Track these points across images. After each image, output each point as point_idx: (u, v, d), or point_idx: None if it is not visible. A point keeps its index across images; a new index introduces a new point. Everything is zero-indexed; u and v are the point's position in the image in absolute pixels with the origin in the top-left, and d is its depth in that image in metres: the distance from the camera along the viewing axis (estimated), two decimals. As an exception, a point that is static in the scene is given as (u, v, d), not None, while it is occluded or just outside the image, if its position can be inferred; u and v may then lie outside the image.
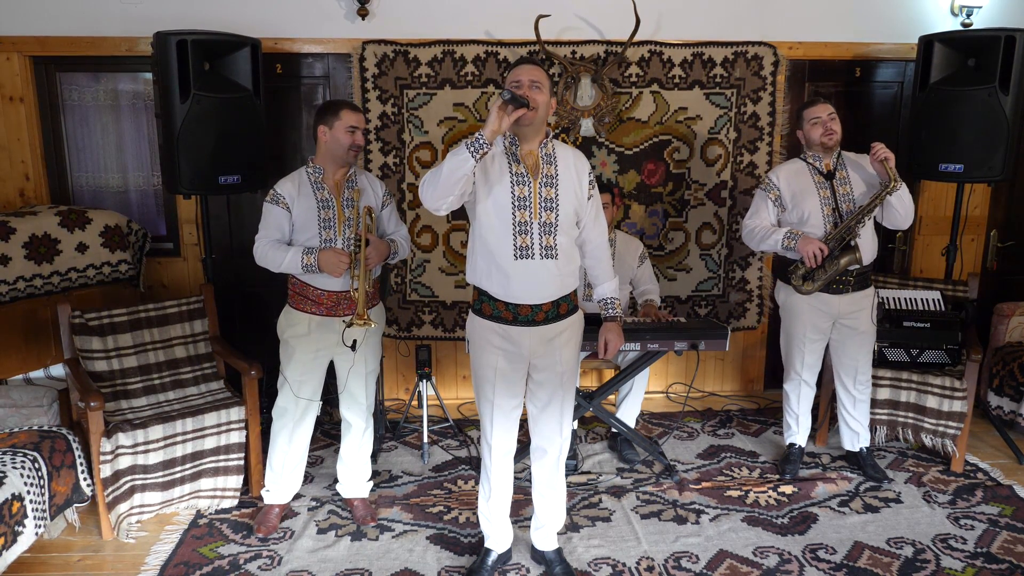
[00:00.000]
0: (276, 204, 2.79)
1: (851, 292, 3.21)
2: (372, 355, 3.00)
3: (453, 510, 3.16)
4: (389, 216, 3.00)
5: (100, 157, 4.04)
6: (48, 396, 3.34)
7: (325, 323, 2.86)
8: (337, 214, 2.82)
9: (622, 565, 2.79)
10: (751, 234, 3.28)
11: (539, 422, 2.59)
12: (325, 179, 2.83)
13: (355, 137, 2.80)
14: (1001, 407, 3.73)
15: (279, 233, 2.81)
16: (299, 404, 2.94)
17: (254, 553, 2.86)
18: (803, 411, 3.46)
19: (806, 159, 3.24)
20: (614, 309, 2.61)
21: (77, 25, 3.75)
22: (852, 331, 3.28)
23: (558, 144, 2.46)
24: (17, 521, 2.54)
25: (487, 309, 2.46)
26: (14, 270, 3.32)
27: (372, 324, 2.78)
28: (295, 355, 2.89)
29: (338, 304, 2.85)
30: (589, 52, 3.92)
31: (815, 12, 4.01)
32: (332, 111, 2.79)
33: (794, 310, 3.32)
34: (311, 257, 2.73)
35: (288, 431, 2.97)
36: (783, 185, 3.24)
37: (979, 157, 3.55)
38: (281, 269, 2.78)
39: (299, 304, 2.88)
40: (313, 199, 2.80)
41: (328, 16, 3.86)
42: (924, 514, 3.11)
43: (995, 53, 3.46)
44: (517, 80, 2.31)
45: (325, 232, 2.80)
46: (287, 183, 2.82)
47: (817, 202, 3.17)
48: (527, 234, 2.36)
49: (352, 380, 2.96)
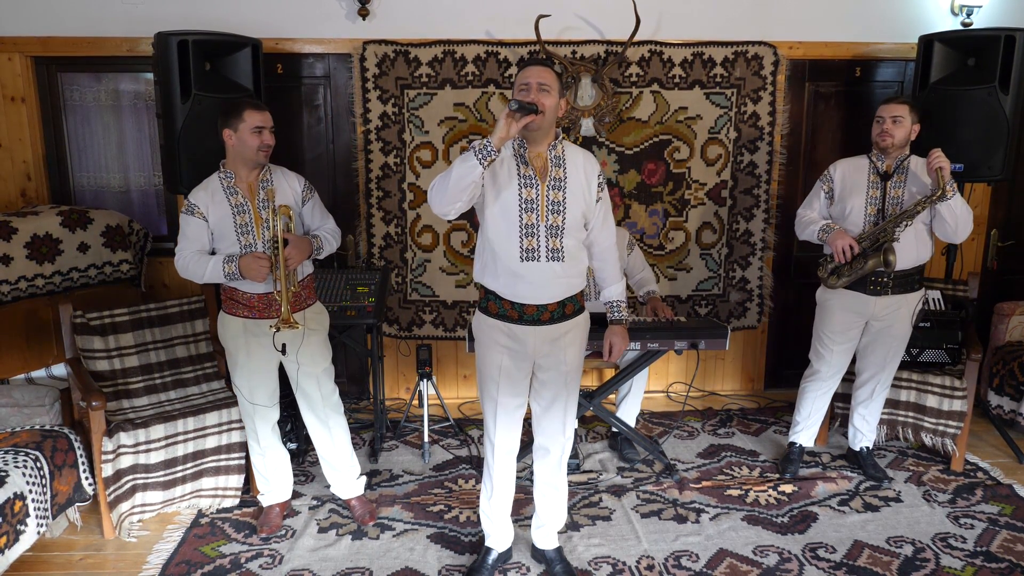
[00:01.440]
0: (192, 215, 2.70)
1: (890, 295, 3.16)
2: (320, 354, 2.92)
3: (454, 509, 3.16)
4: (312, 211, 2.90)
5: (101, 157, 4.05)
6: (50, 395, 3.35)
7: (259, 325, 2.79)
8: (254, 218, 2.74)
9: (622, 564, 2.79)
10: (799, 222, 3.30)
11: (542, 421, 2.60)
12: (238, 183, 2.74)
13: (263, 137, 2.69)
14: (1001, 406, 3.73)
15: (199, 244, 2.72)
16: (257, 410, 2.90)
17: (255, 552, 2.87)
18: (816, 411, 3.45)
19: (871, 156, 3.20)
20: (620, 312, 2.61)
21: (79, 25, 3.76)
22: (886, 333, 3.23)
23: (568, 146, 2.44)
24: (19, 520, 2.54)
25: (493, 307, 2.46)
26: (16, 270, 3.33)
27: (298, 327, 2.71)
28: (238, 361, 2.84)
29: (269, 306, 2.77)
30: (589, 52, 3.92)
31: (815, 12, 4.01)
32: (235, 113, 2.67)
33: (828, 309, 3.29)
34: (232, 265, 2.66)
35: (255, 436, 2.95)
36: (838, 178, 3.22)
37: (979, 156, 3.55)
38: (204, 280, 2.71)
39: (231, 309, 2.80)
40: (227, 205, 2.72)
41: (329, 16, 3.87)
42: (924, 513, 3.12)
43: (995, 53, 3.46)
44: (526, 82, 2.29)
45: (244, 237, 2.72)
46: (200, 192, 2.72)
47: (863, 200, 3.14)
48: (534, 236, 2.36)
49: (303, 380, 2.91)
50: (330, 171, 4.11)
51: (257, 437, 2.95)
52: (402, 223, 4.08)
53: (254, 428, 2.94)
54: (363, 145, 3.98)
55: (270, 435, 2.97)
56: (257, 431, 2.94)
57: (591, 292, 3.37)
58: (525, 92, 2.28)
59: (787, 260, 4.34)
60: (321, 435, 3.01)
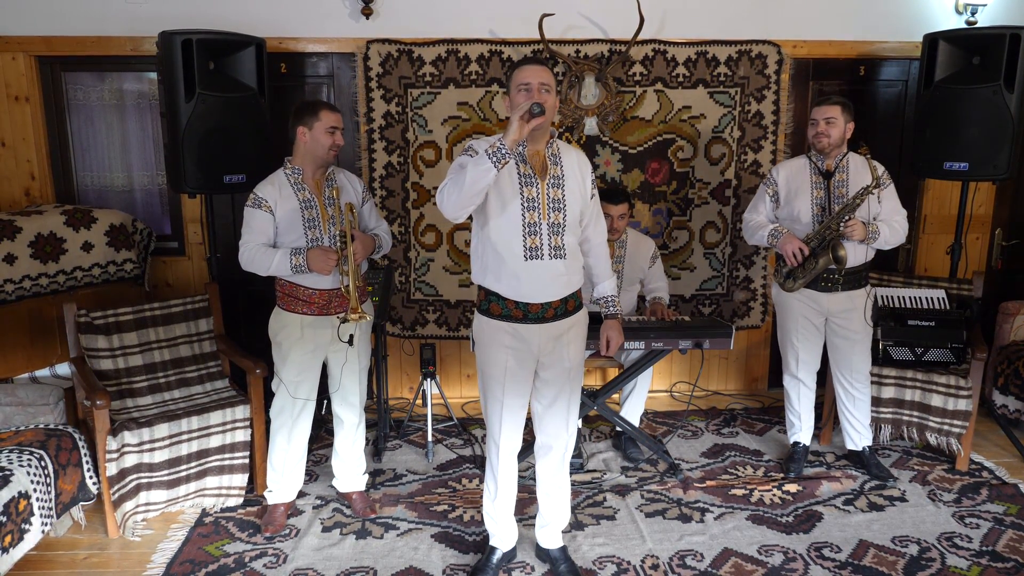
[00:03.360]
0: (259, 208, 2.76)
1: (840, 291, 3.23)
2: (364, 350, 3.02)
3: (457, 508, 3.16)
4: (370, 212, 3.02)
5: (105, 156, 4.05)
6: (54, 394, 3.35)
7: (318, 322, 2.86)
8: (320, 213, 2.82)
9: (627, 563, 2.79)
10: (746, 226, 3.38)
11: (544, 419, 2.60)
12: (305, 179, 2.82)
13: (335, 137, 2.78)
14: (1006, 405, 3.72)
15: (264, 237, 2.78)
16: (296, 404, 2.94)
17: (260, 551, 2.87)
18: (804, 409, 3.46)
19: (810, 156, 3.27)
20: (614, 307, 2.65)
21: (82, 25, 3.76)
22: (845, 331, 3.29)
23: (562, 144, 2.48)
24: (24, 519, 2.54)
25: (496, 309, 2.46)
26: (20, 269, 3.34)
27: (367, 318, 2.80)
28: (290, 356, 2.89)
29: (330, 302, 2.85)
30: (593, 51, 3.92)
31: (819, 10, 4.01)
32: (311, 112, 2.77)
33: (785, 306, 3.37)
34: (299, 258, 2.73)
35: (287, 430, 2.97)
36: (781, 181, 3.29)
37: (984, 155, 3.54)
38: (270, 272, 2.77)
39: (289, 305, 2.87)
40: (295, 200, 2.79)
41: (332, 15, 3.86)
42: (929, 513, 3.11)
43: (1000, 51, 3.45)
44: (527, 82, 2.30)
45: (311, 232, 2.79)
46: (267, 186, 2.80)
47: (808, 201, 3.20)
48: (536, 235, 2.37)
49: (346, 377, 2.98)
50: (333, 170, 4.11)
51: (290, 433, 2.97)
52: (405, 222, 4.08)
53: (288, 422, 2.96)
54: (366, 144, 3.98)
55: (305, 430, 3.01)
56: (293, 426, 2.96)
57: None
58: (527, 93, 2.29)
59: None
60: (348, 429, 3.07)
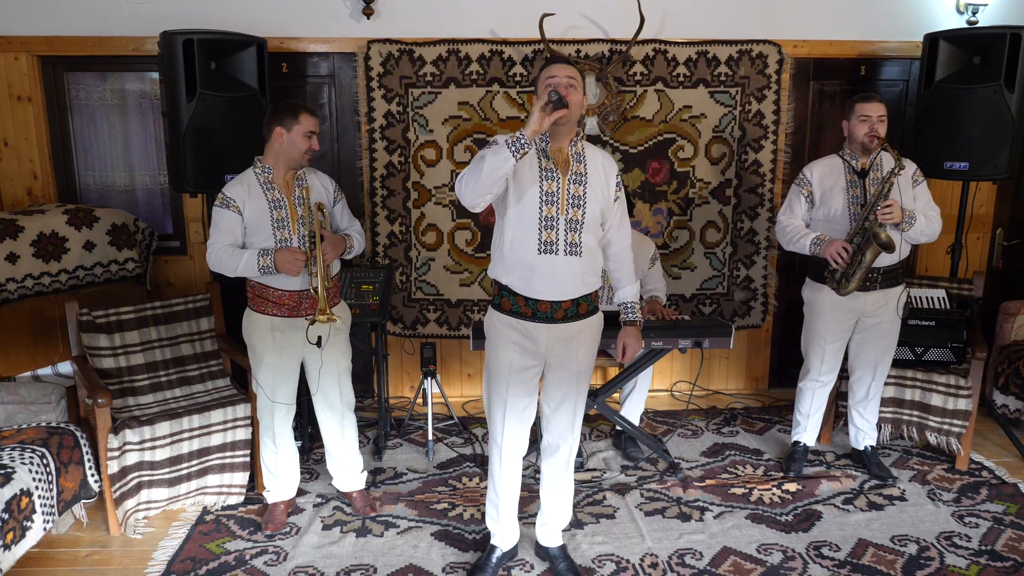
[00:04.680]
0: (227, 208, 2.73)
1: (879, 289, 3.17)
2: (342, 353, 2.97)
3: (458, 507, 3.17)
4: (341, 212, 2.99)
5: (107, 156, 4.07)
6: (56, 393, 3.36)
7: (288, 324, 2.82)
8: (290, 213, 2.78)
9: (626, 562, 2.79)
10: (783, 231, 3.26)
11: (551, 420, 2.59)
12: (275, 179, 2.79)
13: (311, 142, 2.76)
14: (1006, 405, 3.72)
15: (231, 237, 2.75)
16: (277, 407, 2.92)
17: (260, 549, 2.88)
18: (816, 410, 3.44)
19: (843, 156, 3.20)
20: (634, 313, 2.61)
21: (84, 25, 3.77)
22: (876, 328, 3.23)
23: (587, 145, 2.46)
24: (26, 516, 2.56)
25: (506, 304, 2.46)
26: (22, 268, 3.35)
27: (336, 319, 2.77)
28: (264, 359, 2.86)
29: (300, 304, 2.81)
30: (594, 51, 3.93)
31: (820, 10, 4.01)
32: (292, 113, 2.73)
33: (817, 308, 3.29)
34: (267, 258, 2.69)
35: (271, 434, 2.97)
36: (816, 181, 3.21)
37: (984, 155, 3.54)
38: (237, 273, 2.74)
39: (259, 307, 2.83)
40: (264, 200, 2.76)
41: (333, 15, 3.87)
42: (928, 512, 3.11)
43: (1000, 51, 3.45)
44: (554, 77, 2.31)
45: (279, 232, 2.76)
46: (236, 186, 2.76)
47: (844, 200, 3.14)
48: (553, 229, 2.36)
49: (324, 380, 2.93)
50: (334, 170, 4.11)
51: (274, 435, 2.97)
52: (406, 222, 4.08)
53: (271, 426, 2.95)
54: (367, 144, 3.99)
55: (287, 433, 2.99)
56: (275, 429, 2.95)
57: (603, 295, 3.36)
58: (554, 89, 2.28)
59: (791, 259, 4.33)
60: (334, 432, 3.04)
